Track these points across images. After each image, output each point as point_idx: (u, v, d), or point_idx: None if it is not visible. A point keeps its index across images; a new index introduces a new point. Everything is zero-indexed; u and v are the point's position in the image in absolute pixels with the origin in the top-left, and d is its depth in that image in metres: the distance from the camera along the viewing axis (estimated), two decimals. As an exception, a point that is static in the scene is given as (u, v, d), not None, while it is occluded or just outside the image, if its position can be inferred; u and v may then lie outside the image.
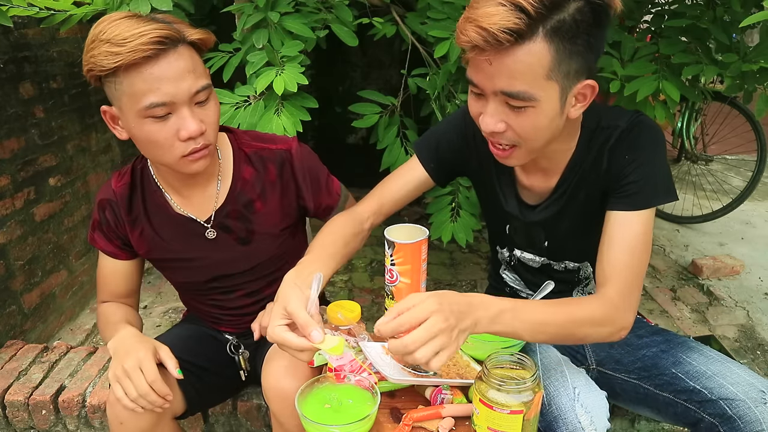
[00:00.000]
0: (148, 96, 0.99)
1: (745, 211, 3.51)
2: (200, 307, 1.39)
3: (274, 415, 1.16)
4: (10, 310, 1.99)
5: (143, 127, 1.03)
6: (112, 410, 1.15)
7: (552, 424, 1.03)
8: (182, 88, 1.01)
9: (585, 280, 1.32)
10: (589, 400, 1.04)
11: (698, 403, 1.11)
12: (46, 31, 2.17)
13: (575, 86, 0.96)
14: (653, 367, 1.20)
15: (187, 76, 1.01)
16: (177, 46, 1.01)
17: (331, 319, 1.14)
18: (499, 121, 0.98)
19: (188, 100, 1.02)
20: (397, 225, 1.15)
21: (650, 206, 1.06)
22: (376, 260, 2.84)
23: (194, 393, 1.26)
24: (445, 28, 1.72)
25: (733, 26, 1.66)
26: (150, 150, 1.08)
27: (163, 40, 0.97)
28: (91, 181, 2.52)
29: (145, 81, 0.98)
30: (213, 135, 1.09)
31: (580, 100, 1.00)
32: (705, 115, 3.62)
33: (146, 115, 1.01)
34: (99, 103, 2.55)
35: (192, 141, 1.05)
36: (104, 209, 1.25)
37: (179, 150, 1.05)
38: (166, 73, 0.99)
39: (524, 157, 1.05)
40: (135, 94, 0.99)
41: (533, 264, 1.30)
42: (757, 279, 2.74)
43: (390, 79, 3.63)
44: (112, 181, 1.24)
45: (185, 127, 1.02)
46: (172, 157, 1.06)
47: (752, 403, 1.04)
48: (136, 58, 0.96)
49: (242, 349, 1.38)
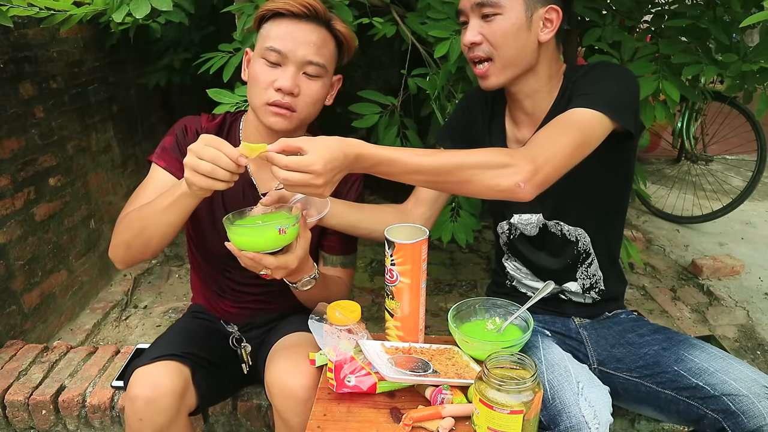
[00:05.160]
0: (273, 41, 1.19)
1: (745, 211, 3.51)
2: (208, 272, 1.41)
3: (278, 412, 1.17)
4: (10, 310, 1.99)
5: (256, 64, 1.22)
6: (131, 406, 1.14)
7: (556, 418, 1.03)
8: (299, 50, 1.18)
9: (585, 254, 1.32)
10: (593, 394, 1.04)
11: (701, 400, 1.11)
12: (46, 31, 2.17)
13: (540, 9, 1.16)
14: (655, 365, 1.21)
15: (310, 46, 1.19)
16: (320, 24, 1.20)
17: (331, 318, 1.15)
18: (476, 34, 1.18)
19: (299, 63, 1.19)
20: (397, 225, 1.16)
21: (591, 107, 1.10)
22: (376, 260, 2.84)
23: (206, 388, 1.26)
24: (445, 28, 1.72)
25: (733, 26, 1.66)
26: (251, 87, 1.24)
27: (310, 8, 1.17)
28: (91, 181, 2.52)
29: (279, 30, 1.19)
30: (303, 106, 1.22)
31: (548, 25, 1.17)
32: (705, 115, 3.62)
33: (263, 56, 1.20)
34: (99, 104, 2.56)
35: (281, 94, 1.18)
36: (186, 132, 1.30)
37: (268, 95, 1.19)
38: (295, 33, 1.18)
39: (500, 73, 1.20)
40: (267, 37, 1.20)
41: (531, 229, 1.33)
42: (757, 279, 2.74)
43: (390, 79, 3.63)
44: (202, 119, 1.34)
45: (281, 78, 1.18)
46: (260, 100, 1.21)
47: (755, 398, 1.05)
48: (284, 8, 1.17)
49: (244, 343, 1.39)
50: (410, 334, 1.19)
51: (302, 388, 1.12)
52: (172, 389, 1.15)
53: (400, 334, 1.18)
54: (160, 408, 1.13)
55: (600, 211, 1.31)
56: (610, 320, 1.37)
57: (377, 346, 1.12)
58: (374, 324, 2.21)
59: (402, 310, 1.16)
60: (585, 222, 1.30)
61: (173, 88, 3.12)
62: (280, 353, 1.22)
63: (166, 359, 1.19)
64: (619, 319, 1.37)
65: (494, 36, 1.16)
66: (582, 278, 1.34)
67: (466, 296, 1.19)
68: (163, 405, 1.13)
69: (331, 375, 1.06)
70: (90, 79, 2.50)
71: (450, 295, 2.54)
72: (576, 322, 1.36)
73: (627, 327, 1.33)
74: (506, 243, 1.40)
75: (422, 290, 1.15)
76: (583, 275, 1.33)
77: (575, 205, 1.28)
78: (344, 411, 1.04)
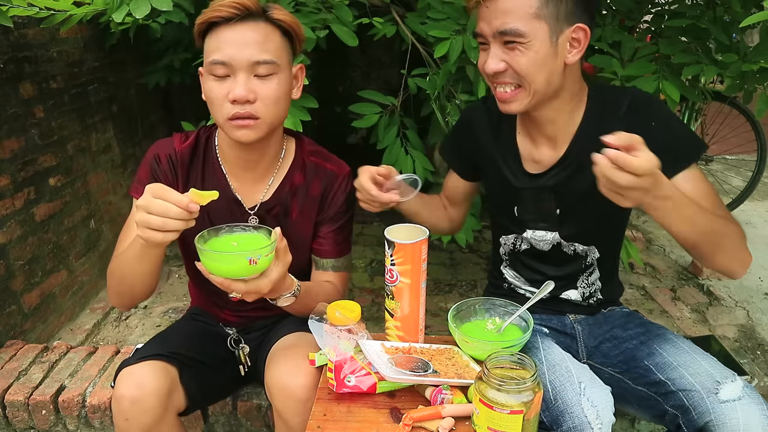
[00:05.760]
0: (214, 53, 1.11)
1: (745, 211, 3.51)
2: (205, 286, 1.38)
3: (278, 413, 1.17)
4: (10, 310, 1.99)
5: (206, 83, 1.15)
6: (117, 406, 1.14)
7: (558, 419, 1.02)
8: (242, 54, 1.10)
9: (590, 266, 1.32)
10: (595, 394, 1.04)
11: (663, 395, 1.11)
12: (46, 31, 2.17)
13: (566, 29, 1.08)
14: (631, 360, 1.21)
15: (252, 46, 1.10)
16: (257, 20, 1.12)
17: (331, 318, 1.15)
18: (499, 61, 1.11)
19: (246, 68, 1.11)
20: (397, 225, 1.15)
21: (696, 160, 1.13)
22: (376, 260, 2.84)
23: (196, 389, 1.26)
24: (445, 28, 1.72)
25: (733, 26, 1.66)
26: (209, 107, 1.17)
27: (240, 6, 1.08)
28: (91, 181, 2.52)
29: (217, 40, 1.11)
30: (264, 110, 1.14)
31: (575, 45, 1.11)
32: (705, 115, 3.61)
33: (210, 71, 1.13)
34: (99, 103, 2.56)
35: (239, 105, 1.11)
36: (159, 160, 1.26)
37: (226, 110, 1.12)
38: (234, 37, 1.10)
39: (527, 100, 1.14)
40: (209, 51, 1.13)
41: (544, 245, 1.30)
42: (757, 279, 2.74)
43: (390, 79, 3.64)
44: (174, 140, 1.28)
45: (233, 89, 1.10)
46: (220, 116, 1.14)
47: (705, 393, 1.04)
48: (214, 17, 1.09)
49: (242, 344, 1.39)
50: (410, 334, 1.19)
51: (302, 388, 1.12)
52: (158, 389, 1.14)
53: (400, 334, 1.18)
54: (146, 408, 1.12)
55: (613, 230, 1.33)
56: (603, 315, 1.37)
57: (377, 346, 1.12)
58: (374, 324, 2.21)
59: (402, 310, 1.16)
60: (599, 241, 1.30)
61: (173, 88, 3.12)
62: (280, 353, 1.22)
63: (152, 359, 1.19)
64: (612, 314, 1.36)
65: (519, 66, 1.09)
66: (582, 287, 1.34)
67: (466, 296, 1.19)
68: (149, 405, 1.13)
69: (331, 375, 1.06)
70: (90, 79, 2.50)
71: (450, 295, 2.54)
72: (571, 318, 1.36)
73: (617, 323, 1.33)
74: (509, 253, 1.39)
75: (422, 290, 1.15)
76: (584, 284, 1.34)
77: (594, 228, 1.28)
78: (344, 411, 1.04)
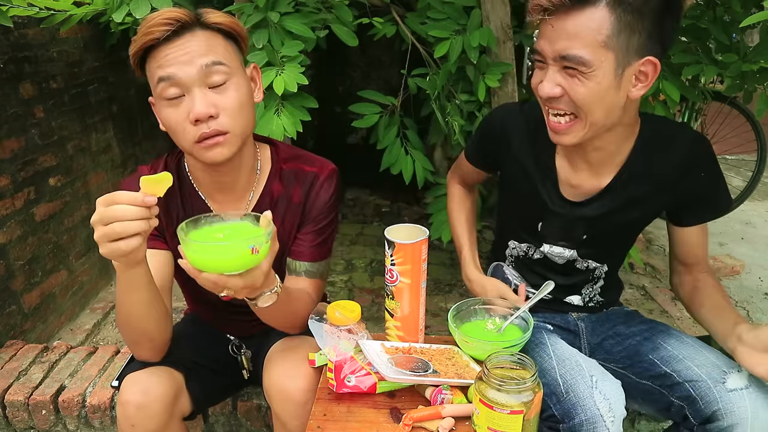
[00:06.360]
0: (158, 72, 1.01)
1: (745, 211, 3.51)
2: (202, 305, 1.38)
3: (276, 415, 1.16)
4: (10, 310, 1.99)
5: (161, 112, 1.05)
6: (123, 412, 1.12)
7: (570, 411, 1.02)
8: (189, 67, 1.00)
9: (597, 278, 1.33)
10: (607, 387, 1.04)
11: (669, 387, 1.11)
12: (46, 31, 2.17)
13: (634, 63, 0.99)
14: (635, 355, 1.21)
15: (197, 56, 1.00)
16: (193, 29, 1.02)
17: (331, 318, 1.14)
18: (555, 86, 1.02)
19: (198, 81, 1.01)
20: (397, 225, 1.15)
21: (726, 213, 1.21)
22: (376, 260, 2.84)
23: (200, 393, 1.25)
24: (445, 28, 1.73)
25: (733, 26, 1.67)
26: (171, 135, 1.06)
27: (171, 21, 0.99)
28: (91, 181, 2.52)
29: (159, 62, 1.01)
30: (230, 122, 1.04)
31: (642, 80, 1.02)
32: (705, 115, 3.61)
33: (161, 96, 1.02)
34: (99, 103, 2.56)
35: (203, 125, 1.02)
36: None
37: (191, 134, 1.03)
38: (175, 54, 1.00)
39: (582, 132, 1.06)
40: (152, 76, 1.02)
41: (559, 260, 1.30)
42: (757, 279, 2.74)
43: (390, 79, 3.64)
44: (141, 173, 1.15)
45: (192, 108, 1.01)
46: (187, 143, 1.04)
47: (712, 383, 1.04)
48: (149, 40, 0.99)
49: (244, 349, 1.38)
50: (410, 334, 1.19)
51: (300, 391, 1.11)
52: (163, 395, 1.13)
53: (400, 334, 1.18)
54: (152, 414, 1.11)
55: (627, 248, 1.36)
56: (606, 314, 1.37)
57: (377, 346, 1.12)
58: (374, 324, 2.21)
59: (402, 310, 1.16)
60: (612, 259, 1.31)
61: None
62: (278, 356, 1.20)
63: (158, 365, 1.18)
64: (614, 312, 1.37)
65: (576, 95, 1.01)
66: (585, 294, 1.35)
67: (466, 296, 1.19)
68: (154, 411, 1.12)
69: (331, 375, 1.06)
70: (90, 79, 2.50)
71: (450, 295, 2.54)
72: (574, 315, 1.36)
73: (620, 320, 1.34)
74: (517, 257, 1.38)
75: (422, 290, 1.15)
76: (587, 291, 1.34)
77: (611, 249, 1.30)
78: (344, 411, 1.04)
